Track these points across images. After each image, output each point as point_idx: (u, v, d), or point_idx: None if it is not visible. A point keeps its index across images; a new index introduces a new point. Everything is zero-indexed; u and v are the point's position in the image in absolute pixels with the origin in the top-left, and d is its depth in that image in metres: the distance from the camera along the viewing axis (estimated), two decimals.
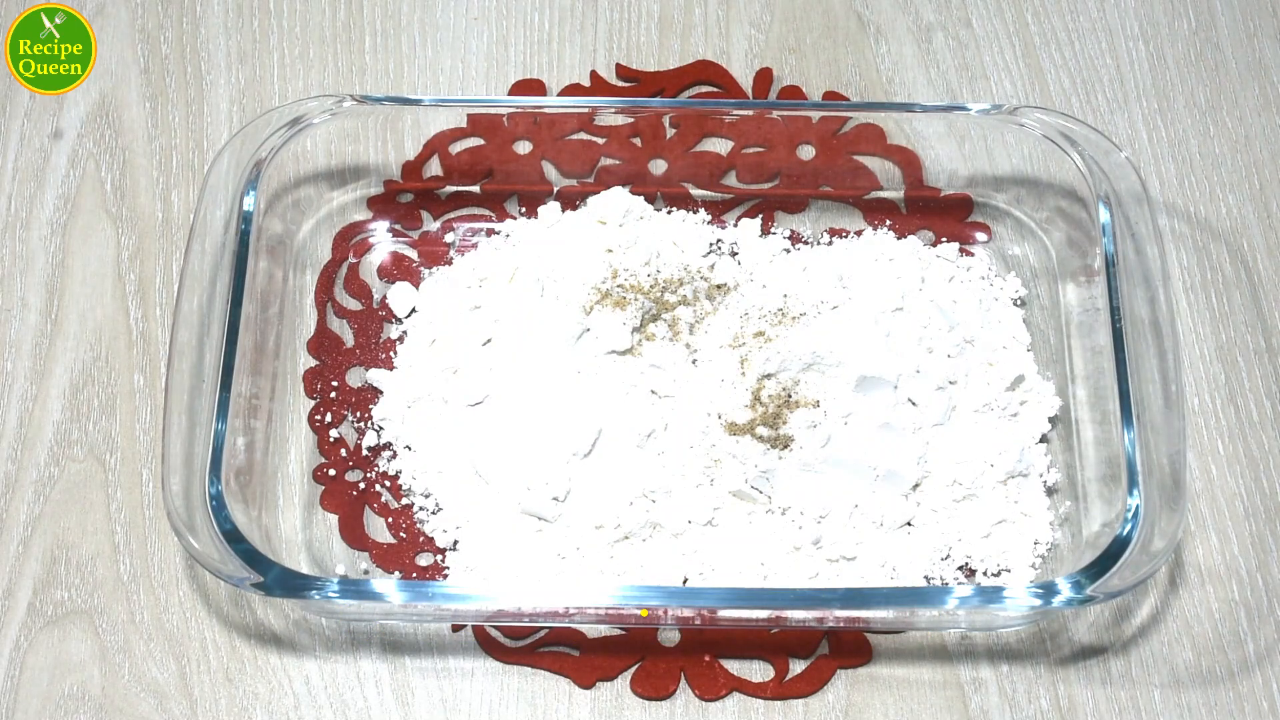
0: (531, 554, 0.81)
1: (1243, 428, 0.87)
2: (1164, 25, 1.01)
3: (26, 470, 0.85)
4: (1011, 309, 0.89)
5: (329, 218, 0.92)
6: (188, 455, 0.77)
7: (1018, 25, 1.01)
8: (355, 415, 0.86)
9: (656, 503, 0.81)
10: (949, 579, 0.81)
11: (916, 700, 0.80)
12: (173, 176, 0.95)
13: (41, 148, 0.95)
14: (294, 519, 0.84)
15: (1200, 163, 0.96)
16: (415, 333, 0.88)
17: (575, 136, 0.93)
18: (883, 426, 0.82)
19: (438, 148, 0.93)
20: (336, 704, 0.80)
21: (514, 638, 0.81)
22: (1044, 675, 0.81)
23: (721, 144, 0.94)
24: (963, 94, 0.98)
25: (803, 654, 0.81)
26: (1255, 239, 0.93)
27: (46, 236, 0.92)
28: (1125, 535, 0.75)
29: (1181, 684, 0.81)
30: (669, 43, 1.00)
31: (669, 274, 0.88)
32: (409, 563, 0.83)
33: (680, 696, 0.80)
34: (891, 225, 0.92)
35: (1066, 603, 0.74)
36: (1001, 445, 0.83)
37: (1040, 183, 0.91)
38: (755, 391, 0.83)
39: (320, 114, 0.87)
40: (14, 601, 0.82)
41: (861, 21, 1.01)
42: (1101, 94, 0.98)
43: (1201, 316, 0.91)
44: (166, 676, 0.80)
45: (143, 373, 0.88)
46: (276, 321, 0.87)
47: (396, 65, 0.99)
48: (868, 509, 0.81)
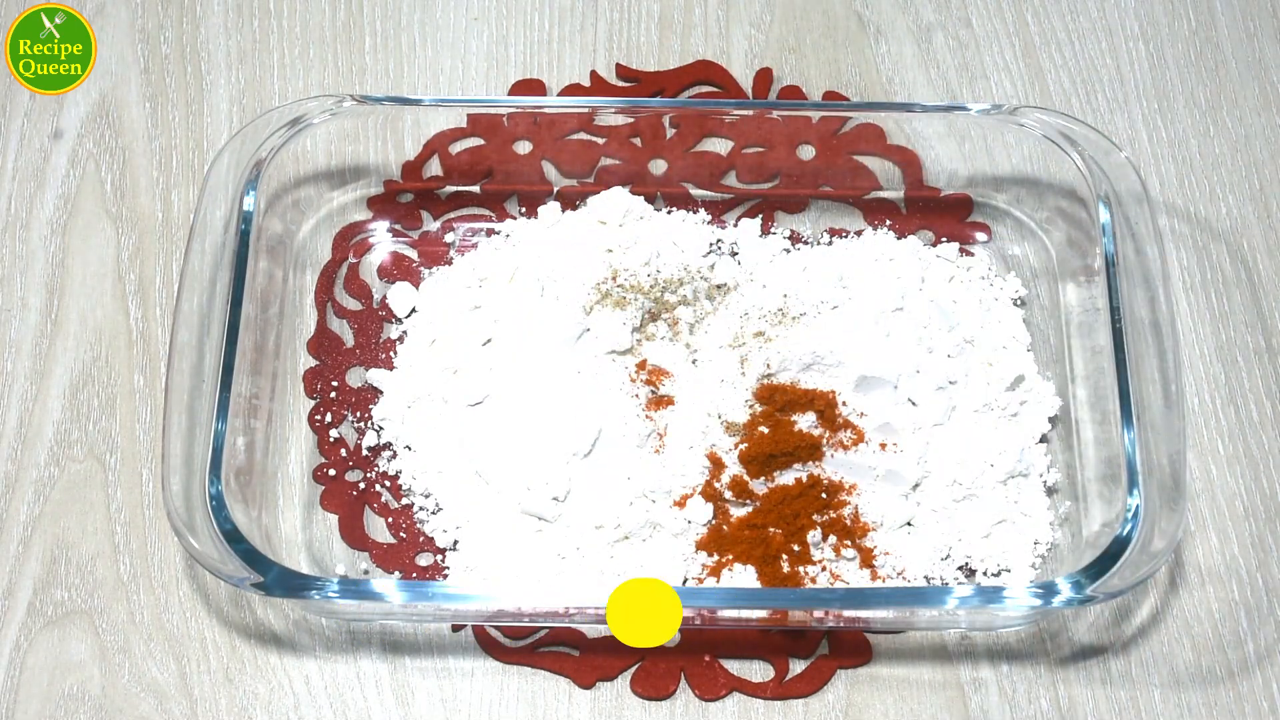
0: (531, 554, 0.81)
1: (1243, 428, 0.87)
2: (1164, 25, 1.01)
3: (26, 470, 0.85)
4: (1011, 309, 0.89)
5: (329, 218, 0.92)
6: (188, 455, 0.77)
7: (1018, 25, 1.01)
8: (355, 415, 0.86)
9: (656, 503, 0.81)
10: (949, 579, 0.81)
11: (916, 700, 0.80)
12: (173, 176, 0.95)
13: (41, 148, 0.95)
14: (294, 519, 0.84)
15: (1200, 163, 0.96)
16: (415, 333, 0.88)
17: (575, 136, 0.93)
18: (882, 426, 0.82)
19: (438, 148, 0.94)
20: (336, 704, 0.80)
21: (514, 638, 0.81)
22: (1044, 675, 0.81)
23: (721, 144, 0.94)
24: (963, 94, 0.98)
25: (803, 654, 0.81)
26: (1255, 239, 0.93)
27: (46, 236, 0.92)
28: (1125, 535, 0.75)
29: (1181, 684, 0.81)
30: (669, 43, 1.00)
31: (669, 274, 0.88)
32: (409, 563, 0.83)
33: (680, 696, 0.80)
34: (891, 225, 0.92)
35: (1066, 603, 0.74)
36: (1001, 445, 0.83)
37: (1040, 183, 0.91)
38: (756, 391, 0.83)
39: (320, 114, 0.87)
40: (14, 601, 0.82)
41: (861, 21, 1.01)
42: (1101, 94, 0.98)
43: (1201, 316, 0.91)
44: (166, 676, 0.80)
45: (143, 373, 0.88)
46: (276, 321, 0.87)
47: (396, 65, 0.99)
48: (868, 509, 0.81)
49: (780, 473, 0.81)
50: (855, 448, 0.82)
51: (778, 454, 0.81)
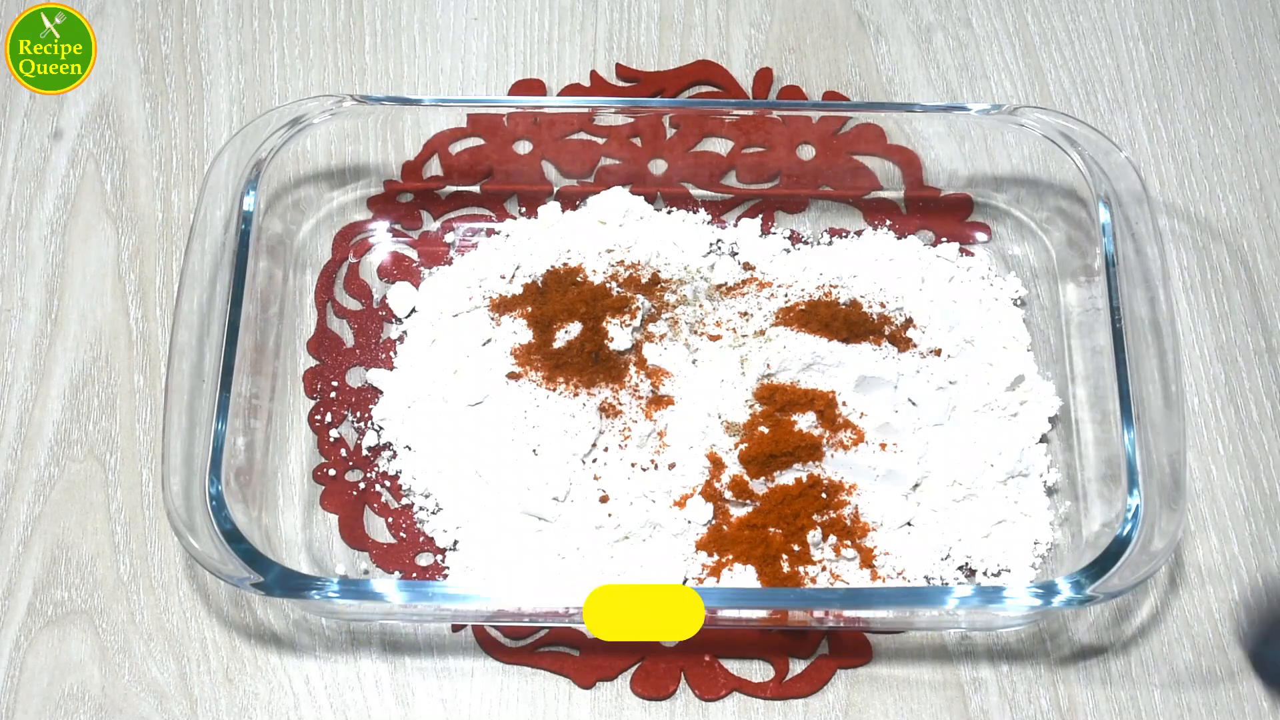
0: (531, 554, 0.81)
1: (1243, 428, 0.87)
2: (1164, 25, 1.01)
3: (26, 470, 0.85)
4: (1011, 309, 0.89)
5: (329, 218, 0.92)
6: (188, 455, 0.77)
7: (1018, 25, 1.01)
8: (355, 415, 0.86)
9: (656, 503, 0.81)
10: (949, 579, 0.81)
11: (916, 700, 0.80)
12: (173, 176, 0.95)
13: (41, 148, 0.95)
14: (294, 519, 0.84)
15: (1200, 163, 0.96)
16: (415, 333, 0.88)
17: (575, 136, 0.93)
18: (882, 426, 0.82)
19: (438, 148, 0.94)
20: (336, 704, 0.80)
21: (514, 638, 0.81)
22: (1044, 675, 0.81)
23: (721, 144, 0.94)
24: (963, 94, 0.98)
25: (803, 654, 0.81)
26: (1255, 239, 0.93)
27: (46, 236, 0.92)
28: (1125, 535, 0.75)
29: (1181, 684, 0.81)
30: (669, 43, 1.00)
31: (669, 274, 0.88)
32: (409, 563, 0.83)
33: (680, 696, 0.80)
34: (891, 225, 0.92)
35: (1066, 603, 0.74)
36: (1001, 445, 0.83)
37: (1040, 183, 0.91)
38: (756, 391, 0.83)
39: (320, 114, 0.87)
40: (14, 601, 0.82)
41: (861, 21, 1.01)
42: (1101, 94, 0.98)
43: (1201, 316, 0.91)
44: (166, 676, 0.80)
45: (143, 373, 0.88)
46: (276, 321, 0.87)
47: (396, 65, 0.99)
48: (868, 509, 0.81)
49: (780, 473, 0.81)
50: (855, 448, 0.82)
51: (778, 454, 0.81)
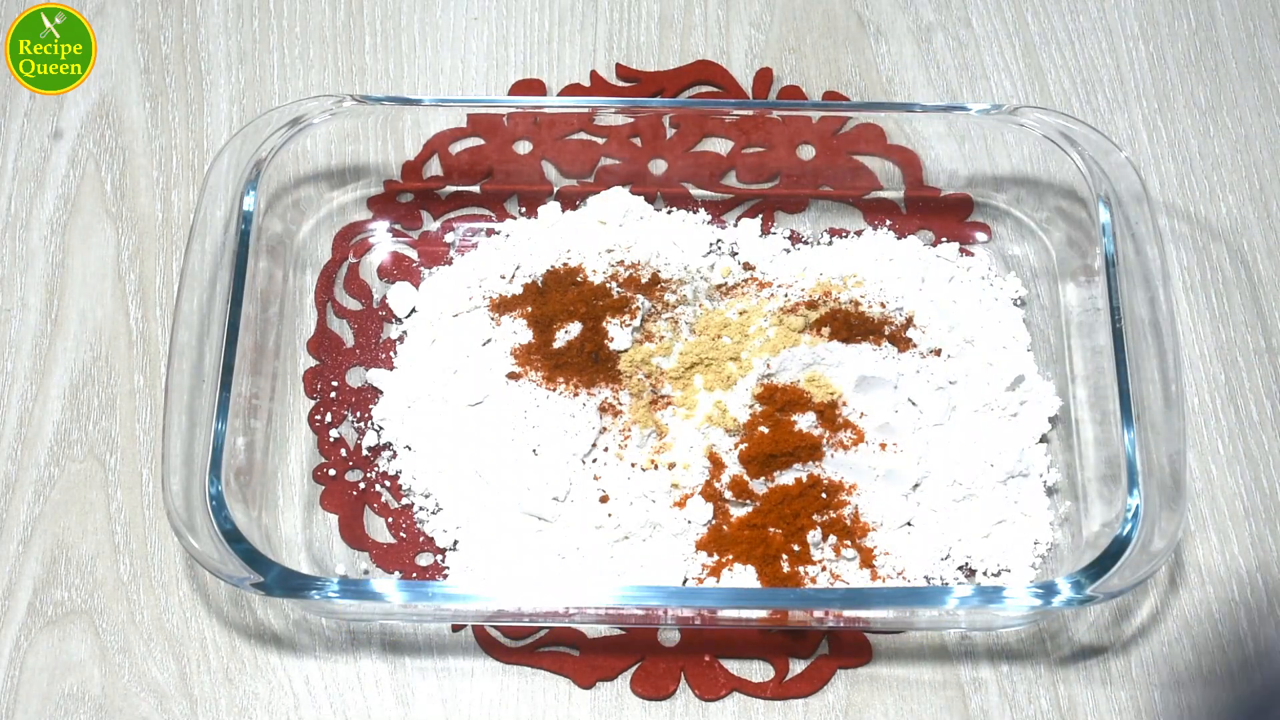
0: (531, 554, 0.81)
1: (1243, 428, 0.87)
2: (1164, 25, 1.01)
3: (26, 470, 0.85)
4: (1011, 309, 0.89)
5: (329, 218, 0.92)
6: (188, 455, 0.77)
7: (1018, 25, 1.01)
8: (355, 415, 0.86)
9: (656, 503, 0.81)
10: (949, 579, 0.81)
11: (916, 700, 0.80)
12: (173, 176, 0.95)
13: (41, 148, 0.95)
14: (294, 519, 0.84)
15: (1200, 163, 0.96)
16: (415, 333, 0.88)
17: (575, 136, 0.93)
18: (883, 426, 0.82)
19: (438, 148, 0.94)
20: (336, 704, 0.80)
21: (514, 638, 0.81)
22: (1044, 675, 0.81)
23: (721, 144, 0.94)
24: (963, 94, 0.98)
25: (803, 654, 0.81)
26: (1255, 239, 0.93)
27: (46, 236, 0.92)
28: (1125, 535, 0.75)
29: (1181, 684, 0.81)
30: (669, 43, 1.00)
31: (669, 274, 0.88)
32: (409, 563, 0.83)
33: (680, 696, 0.80)
34: (891, 225, 0.92)
35: (1066, 603, 0.74)
36: (1001, 445, 0.83)
37: (1040, 183, 0.91)
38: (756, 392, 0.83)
39: (320, 114, 0.87)
40: (14, 601, 0.82)
41: (861, 21, 1.01)
42: (1101, 94, 0.98)
43: (1201, 316, 0.91)
44: (166, 676, 0.80)
45: (143, 373, 0.88)
46: (276, 321, 0.87)
47: (396, 65, 0.99)
48: (868, 509, 0.81)
49: (780, 473, 0.81)
50: (855, 448, 0.82)
51: (778, 454, 0.81)
